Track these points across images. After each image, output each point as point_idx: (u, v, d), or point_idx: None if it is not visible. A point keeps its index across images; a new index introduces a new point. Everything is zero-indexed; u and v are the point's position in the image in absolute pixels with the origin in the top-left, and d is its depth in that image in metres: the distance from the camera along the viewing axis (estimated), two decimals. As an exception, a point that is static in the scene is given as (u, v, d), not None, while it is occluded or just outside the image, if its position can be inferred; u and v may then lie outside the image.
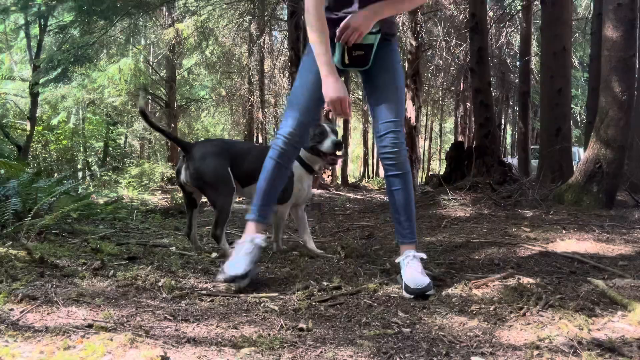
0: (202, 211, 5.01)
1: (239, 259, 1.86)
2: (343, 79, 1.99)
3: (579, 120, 17.08)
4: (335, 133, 2.49)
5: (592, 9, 8.21)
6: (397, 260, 2.01)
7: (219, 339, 1.27)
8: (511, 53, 12.93)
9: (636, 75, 4.35)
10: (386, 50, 2.01)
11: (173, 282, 1.83)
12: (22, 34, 12.70)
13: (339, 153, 2.51)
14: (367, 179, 19.80)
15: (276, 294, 1.78)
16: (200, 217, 4.77)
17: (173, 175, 12.37)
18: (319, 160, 2.55)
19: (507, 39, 11.48)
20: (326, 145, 2.46)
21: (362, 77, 2.08)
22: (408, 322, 1.51)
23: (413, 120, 11.22)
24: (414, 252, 1.96)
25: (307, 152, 2.53)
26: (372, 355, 1.22)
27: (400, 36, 12.47)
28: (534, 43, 10.87)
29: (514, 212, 4.10)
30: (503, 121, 19.68)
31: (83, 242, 2.50)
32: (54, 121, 14.82)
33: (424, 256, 1.99)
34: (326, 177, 12.41)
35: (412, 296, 1.79)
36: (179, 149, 2.46)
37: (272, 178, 2.00)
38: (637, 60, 4.27)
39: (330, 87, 1.84)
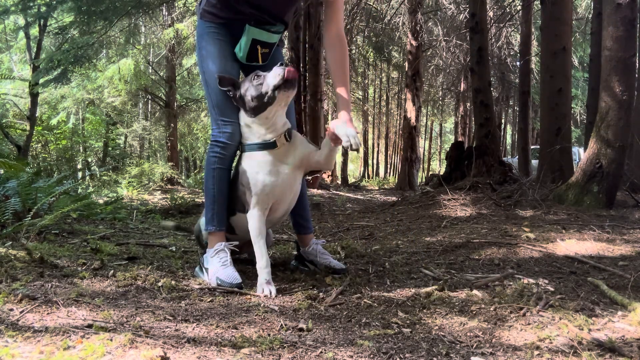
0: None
1: (227, 271, 1.88)
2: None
3: (579, 120, 17.08)
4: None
5: (592, 9, 8.20)
6: (307, 249, 2.21)
7: (219, 339, 1.27)
8: (511, 53, 12.94)
9: (636, 75, 4.34)
10: (278, 48, 2.14)
11: (173, 282, 1.83)
12: (21, 34, 12.71)
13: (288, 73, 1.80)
14: (367, 179, 19.80)
15: (276, 294, 1.79)
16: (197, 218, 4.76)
17: (173, 175, 12.39)
18: (272, 110, 1.86)
19: (507, 39, 11.49)
20: (270, 79, 1.83)
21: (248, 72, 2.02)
22: (408, 322, 1.51)
23: (413, 120, 11.23)
24: (315, 239, 2.24)
25: (251, 119, 1.90)
26: (372, 355, 1.22)
27: (400, 36, 12.48)
28: (534, 43, 10.86)
29: (514, 212, 4.10)
30: (503, 121, 19.69)
31: (83, 242, 2.50)
32: (54, 121, 14.83)
33: (324, 241, 2.45)
34: (326, 177, 12.41)
35: (339, 275, 2.07)
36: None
37: (219, 183, 2.00)
38: (637, 60, 4.27)
39: None
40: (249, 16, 1.96)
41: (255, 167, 1.88)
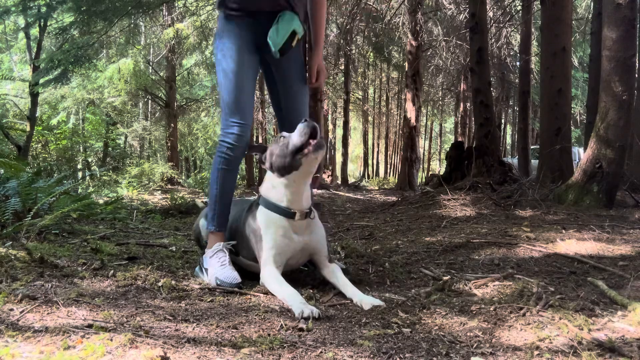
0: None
1: (226, 271, 1.88)
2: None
3: (579, 120, 17.08)
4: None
5: (592, 9, 8.21)
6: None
7: (219, 339, 1.27)
8: (511, 53, 12.93)
9: (636, 75, 4.34)
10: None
11: (173, 282, 1.83)
12: (21, 34, 12.72)
13: (313, 139, 1.74)
14: (367, 179, 19.80)
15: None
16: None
17: (173, 175, 12.39)
18: (297, 180, 1.82)
19: (507, 39, 11.47)
20: (295, 139, 1.77)
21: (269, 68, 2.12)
22: (408, 322, 1.51)
23: (413, 120, 11.23)
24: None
25: (278, 180, 1.84)
26: (372, 355, 1.22)
27: (400, 36, 12.48)
28: (534, 43, 10.87)
29: (514, 212, 4.10)
30: (503, 121, 19.68)
31: (83, 242, 2.50)
32: (54, 121, 14.83)
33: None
34: (326, 177, 12.41)
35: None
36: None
37: (222, 184, 1.99)
38: (637, 60, 4.27)
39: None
40: (283, 7, 1.98)
41: (271, 227, 1.83)
